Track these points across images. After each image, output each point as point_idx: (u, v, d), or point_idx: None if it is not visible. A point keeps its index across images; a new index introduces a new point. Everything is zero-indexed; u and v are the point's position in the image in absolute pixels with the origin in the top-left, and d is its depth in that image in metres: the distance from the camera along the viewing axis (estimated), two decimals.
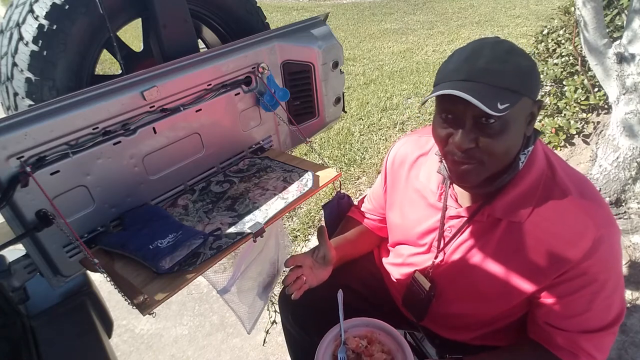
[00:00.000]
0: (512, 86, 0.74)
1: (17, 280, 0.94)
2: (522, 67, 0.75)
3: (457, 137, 0.78)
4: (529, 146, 0.85)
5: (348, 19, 7.12)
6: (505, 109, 0.71)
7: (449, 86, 0.75)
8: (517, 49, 0.77)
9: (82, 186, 0.90)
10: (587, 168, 2.37)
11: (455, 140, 0.78)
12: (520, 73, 0.75)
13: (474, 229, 0.92)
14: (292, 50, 1.17)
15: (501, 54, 0.75)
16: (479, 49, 0.76)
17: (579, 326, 0.84)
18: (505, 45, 0.77)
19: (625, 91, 2.00)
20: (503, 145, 0.78)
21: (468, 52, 0.77)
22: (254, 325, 1.27)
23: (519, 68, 0.75)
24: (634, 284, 1.89)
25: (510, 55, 0.75)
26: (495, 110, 0.70)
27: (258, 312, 1.27)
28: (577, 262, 0.80)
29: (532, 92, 0.77)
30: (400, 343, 0.94)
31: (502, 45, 0.77)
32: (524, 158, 0.85)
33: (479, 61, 0.74)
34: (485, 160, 0.79)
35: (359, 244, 1.24)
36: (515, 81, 0.74)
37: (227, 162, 1.18)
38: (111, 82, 0.89)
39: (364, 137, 3.39)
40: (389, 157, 1.13)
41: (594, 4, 1.93)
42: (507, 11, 6.54)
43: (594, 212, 0.81)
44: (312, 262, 1.06)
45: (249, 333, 1.28)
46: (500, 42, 0.77)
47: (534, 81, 0.78)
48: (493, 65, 0.74)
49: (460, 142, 0.77)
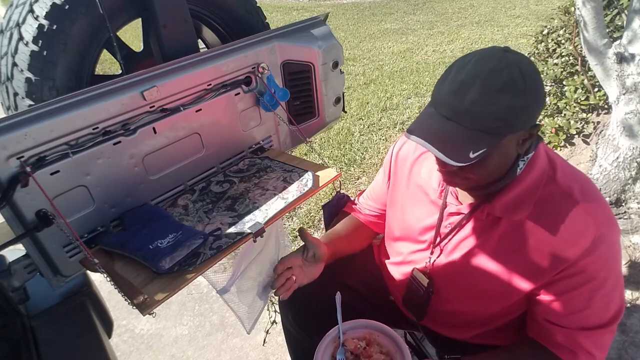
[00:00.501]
0: (493, 129, 0.72)
1: (17, 280, 0.94)
2: (512, 106, 0.71)
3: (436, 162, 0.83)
4: (530, 153, 0.85)
5: (348, 19, 7.12)
6: (477, 156, 0.72)
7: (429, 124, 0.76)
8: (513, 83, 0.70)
9: (82, 186, 0.90)
10: (587, 168, 2.37)
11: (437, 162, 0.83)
12: (508, 113, 0.71)
13: (473, 226, 0.92)
14: (292, 50, 1.17)
15: (491, 93, 0.70)
16: (471, 81, 0.71)
17: (578, 323, 0.84)
18: (499, 80, 0.70)
19: (625, 91, 2.00)
20: (485, 172, 0.80)
21: (461, 80, 0.73)
22: (253, 325, 1.27)
23: (508, 108, 0.71)
24: (633, 283, 1.89)
25: (501, 94, 0.70)
26: (463, 161, 0.72)
27: (258, 312, 1.27)
28: (576, 259, 0.80)
29: (522, 126, 0.75)
30: (399, 345, 0.94)
31: (496, 79, 0.71)
32: (522, 164, 0.84)
33: (466, 98, 0.71)
34: (471, 178, 0.82)
35: (353, 239, 1.24)
36: (498, 123, 0.72)
37: (227, 162, 1.18)
38: (111, 82, 0.89)
39: (364, 137, 3.39)
40: (392, 152, 1.12)
41: (594, 4, 1.93)
42: (507, 11, 6.54)
43: (595, 211, 0.81)
44: (302, 262, 1.06)
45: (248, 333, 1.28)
46: (495, 74, 0.71)
47: (528, 115, 0.74)
48: (478, 106, 0.71)
49: (441, 165, 0.82)
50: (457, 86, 0.73)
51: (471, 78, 0.72)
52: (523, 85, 0.71)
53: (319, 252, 1.06)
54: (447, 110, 0.74)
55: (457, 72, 0.75)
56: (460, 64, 0.76)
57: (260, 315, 1.28)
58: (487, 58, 0.73)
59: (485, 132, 0.72)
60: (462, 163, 0.72)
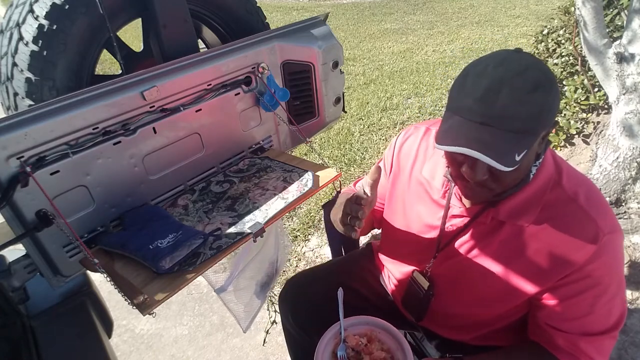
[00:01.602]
0: (530, 130, 0.70)
1: (17, 280, 0.94)
2: (544, 104, 0.70)
3: (468, 170, 0.76)
4: (540, 158, 0.84)
5: (348, 19, 7.12)
6: (522, 158, 0.69)
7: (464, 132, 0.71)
8: (541, 83, 0.70)
9: (82, 186, 0.90)
10: (587, 168, 2.37)
11: (467, 172, 0.76)
12: (542, 113, 0.70)
13: (476, 230, 0.91)
14: (292, 50, 1.17)
15: (522, 94, 0.69)
16: (497, 86, 0.69)
17: (581, 328, 0.84)
18: (528, 81, 0.69)
19: (625, 91, 2.00)
20: (516, 176, 0.79)
21: (486, 86, 0.70)
22: (250, 324, 1.27)
23: (541, 108, 0.70)
24: (634, 284, 1.89)
25: (533, 95, 0.69)
26: (512, 165, 0.68)
27: (255, 311, 1.27)
28: (581, 265, 0.80)
29: (550, 124, 0.74)
30: (400, 342, 0.95)
31: (523, 81, 0.70)
32: (535, 170, 0.84)
33: (497, 103, 0.69)
34: (494, 187, 0.79)
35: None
36: (534, 123, 0.70)
37: (227, 162, 1.18)
38: (111, 82, 0.89)
39: (364, 137, 3.39)
40: (395, 145, 1.10)
41: (594, 4, 1.93)
42: (507, 11, 6.54)
43: (600, 216, 0.81)
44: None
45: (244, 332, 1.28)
46: (521, 76, 0.70)
47: (554, 113, 0.73)
48: (511, 109, 0.69)
49: (473, 175, 0.76)
50: (482, 93, 0.70)
51: (496, 84, 0.70)
52: (548, 84, 0.71)
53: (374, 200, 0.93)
54: (478, 116, 0.71)
55: (477, 79, 0.72)
56: (477, 71, 0.73)
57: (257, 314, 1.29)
58: (506, 62, 0.72)
59: (524, 133, 0.70)
60: (511, 167, 0.68)
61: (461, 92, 0.74)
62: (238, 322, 1.23)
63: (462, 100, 0.73)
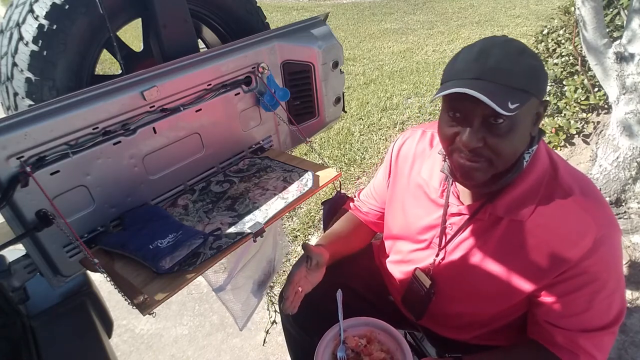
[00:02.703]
0: (522, 86, 0.73)
1: (17, 280, 0.94)
2: (532, 67, 0.75)
3: (464, 135, 0.78)
4: (533, 145, 0.85)
5: (348, 19, 7.12)
6: (515, 108, 0.71)
7: (459, 84, 0.74)
8: (527, 49, 0.77)
9: (82, 186, 0.90)
10: (587, 168, 2.37)
11: (462, 139, 0.78)
12: (530, 73, 0.75)
13: (475, 227, 0.92)
14: (292, 50, 1.17)
15: (512, 54, 0.74)
16: (489, 47, 0.75)
17: (579, 325, 0.84)
18: (515, 45, 0.76)
19: (625, 91, 2.00)
20: (511, 145, 0.78)
21: (477, 50, 0.76)
22: (246, 323, 1.27)
23: (529, 68, 0.75)
24: (634, 284, 1.89)
25: (520, 56, 0.75)
26: (506, 110, 0.70)
27: (251, 309, 1.28)
28: (577, 261, 0.80)
29: (540, 92, 0.77)
30: (400, 342, 0.95)
31: (512, 44, 0.76)
32: (528, 157, 0.85)
33: (490, 60, 0.74)
34: (492, 159, 0.79)
35: (353, 238, 1.23)
36: (525, 81, 0.74)
37: (227, 162, 1.18)
38: (111, 82, 0.89)
39: (364, 137, 3.39)
40: (393, 149, 1.12)
41: (594, 4, 1.93)
42: (507, 11, 6.54)
43: (596, 211, 0.81)
44: (305, 272, 1.04)
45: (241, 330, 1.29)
46: (510, 41, 0.77)
47: (542, 81, 0.78)
48: (504, 64, 0.73)
49: (468, 140, 0.77)
50: (477, 54, 0.75)
51: (488, 45, 0.76)
52: (535, 55, 0.77)
53: (321, 259, 1.06)
54: (474, 73, 0.74)
55: (468, 50, 0.78)
56: (467, 47, 0.79)
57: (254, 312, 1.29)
58: (495, 37, 0.78)
59: (515, 89, 0.73)
60: (505, 111, 0.70)
61: (455, 62, 0.79)
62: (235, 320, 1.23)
63: (455, 67, 0.78)
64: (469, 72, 0.75)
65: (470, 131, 0.77)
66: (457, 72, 0.77)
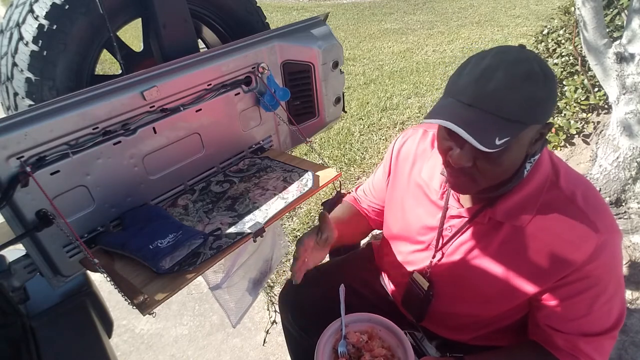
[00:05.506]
0: (517, 117, 0.71)
1: (17, 280, 0.94)
2: (535, 97, 0.71)
3: (454, 154, 0.78)
4: (536, 155, 0.84)
5: (348, 19, 7.12)
6: (503, 144, 0.70)
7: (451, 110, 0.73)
8: (534, 74, 0.71)
9: (82, 186, 0.90)
10: (587, 168, 2.37)
11: (452, 157, 0.78)
12: (530, 103, 0.71)
13: (474, 230, 0.92)
14: (292, 50, 1.17)
15: (515, 80, 0.71)
16: (493, 68, 0.72)
17: (580, 329, 0.84)
18: (523, 68, 0.71)
19: (625, 91, 2.01)
20: (500, 169, 0.78)
21: (483, 68, 0.73)
22: (239, 320, 1.28)
23: (530, 98, 0.71)
24: (634, 284, 1.89)
25: (524, 82, 0.70)
26: (491, 147, 0.69)
27: (245, 307, 1.28)
28: (579, 265, 0.80)
29: (541, 120, 0.75)
30: (401, 340, 0.95)
31: (520, 67, 0.71)
32: (529, 166, 0.84)
33: (490, 84, 0.71)
34: (477, 178, 0.80)
35: (354, 224, 1.22)
36: (520, 112, 0.71)
37: (227, 162, 1.18)
38: (111, 82, 0.89)
39: (364, 137, 3.39)
40: (394, 148, 1.11)
41: (594, 4, 1.93)
42: (507, 11, 6.54)
43: (597, 216, 0.81)
44: (314, 244, 1.00)
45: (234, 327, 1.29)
46: (519, 63, 0.72)
47: (546, 109, 0.74)
48: (502, 92, 0.70)
49: (458, 159, 0.77)
50: (480, 73, 0.72)
51: (495, 64, 0.72)
52: (543, 78, 0.72)
53: (331, 236, 1.01)
54: (468, 97, 0.73)
55: (476, 64, 0.74)
56: (478, 58, 0.75)
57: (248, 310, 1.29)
58: (507, 51, 0.74)
59: (509, 120, 0.71)
60: (488, 149, 0.69)
61: (460, 75, 0.76)
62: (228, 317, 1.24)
63: (458, 82, 0.75)
64: (466, 93, 0.73)
65: (460, 152, 0.77)
66: (458, 90, 0.75)
